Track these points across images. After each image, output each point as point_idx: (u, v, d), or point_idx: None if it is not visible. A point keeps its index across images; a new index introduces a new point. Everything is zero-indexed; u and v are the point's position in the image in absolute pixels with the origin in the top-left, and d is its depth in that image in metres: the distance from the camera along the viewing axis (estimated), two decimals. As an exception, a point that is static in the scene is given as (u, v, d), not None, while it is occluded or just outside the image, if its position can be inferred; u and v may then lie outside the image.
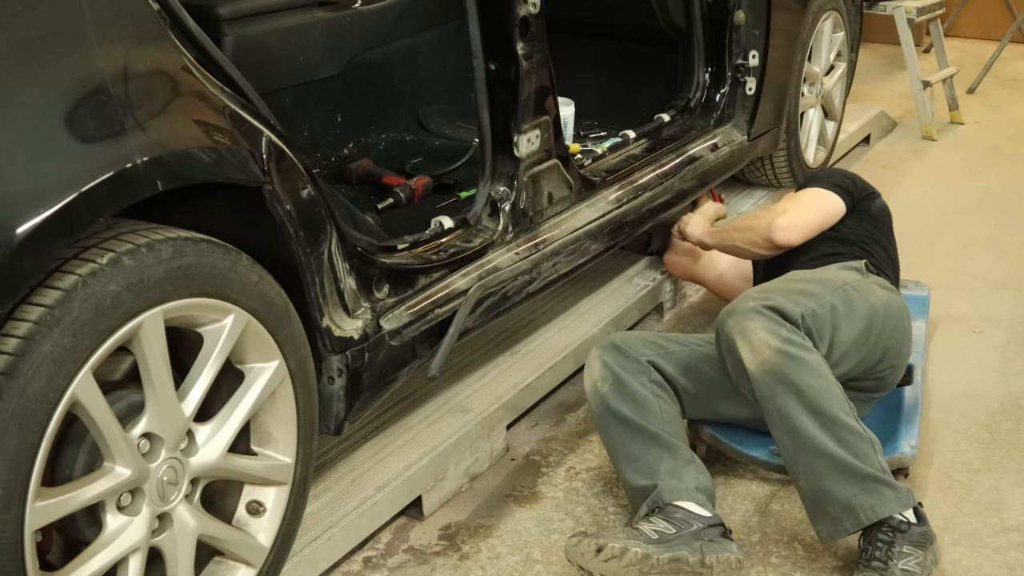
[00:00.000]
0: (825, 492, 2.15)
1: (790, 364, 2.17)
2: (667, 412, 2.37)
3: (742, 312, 2.25)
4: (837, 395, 2.18)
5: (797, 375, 2.16)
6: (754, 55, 3.50)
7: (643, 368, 2.42)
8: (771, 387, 2.18)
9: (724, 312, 2.31)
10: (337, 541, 2.18)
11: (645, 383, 2.39)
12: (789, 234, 2.70)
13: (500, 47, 2.42)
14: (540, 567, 2.28)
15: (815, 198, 2.75)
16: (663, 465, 2.27)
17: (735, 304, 2.30)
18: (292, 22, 2.96)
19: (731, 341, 2.25)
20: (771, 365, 2.18)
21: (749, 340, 2.21)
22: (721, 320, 2.30)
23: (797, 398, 2.16)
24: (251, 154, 1.77)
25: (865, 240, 2.67)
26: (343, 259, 2.04)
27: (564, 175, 2.71)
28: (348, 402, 2.11)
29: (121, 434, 1.62)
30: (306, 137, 3.08)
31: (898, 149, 5.15)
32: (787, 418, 2.17)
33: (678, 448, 2.31)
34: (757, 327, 2.21)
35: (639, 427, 2.32)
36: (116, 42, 1.60)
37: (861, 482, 2.13)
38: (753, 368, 2.20)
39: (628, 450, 2.32)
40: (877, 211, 2.76)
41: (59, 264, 1.52)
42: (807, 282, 2.41)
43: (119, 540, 1.66)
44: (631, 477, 2.30)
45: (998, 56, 6.24)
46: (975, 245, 3.96)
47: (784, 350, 2.17)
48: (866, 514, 2.12)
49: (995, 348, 3.19)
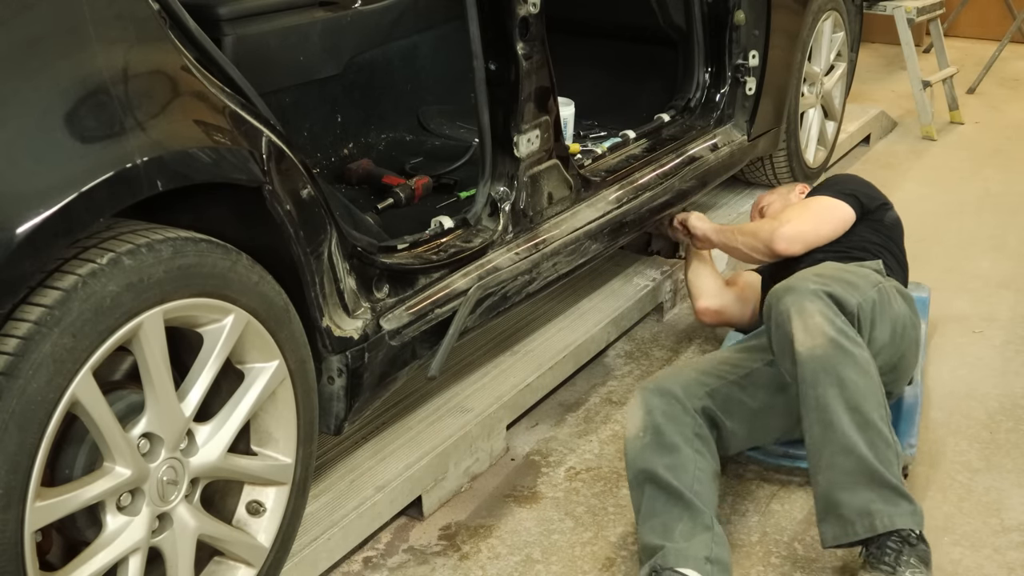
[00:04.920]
0: (844, 490, 2.10)
1: (840, 356, 2.13)
2: (701, 471, 2.21)
3: (802, 291, 2.20)
4: (877, 397, 2.15)
5: (844, 368, 2.13)
6: (754, 55, 3.50)
7: (689, 420, 2.27)
8: (815, 374, 2.14)
9: (781, 287, 2.26)
10: (337, 541, 2.18)
11: (688, 437, 2.25)
12: (792, 245, 2.69)
13: (500, 47, 2.42)
14: (540, 567, 2.28)
15: (823, 208, 2.72)
16: (679, 527, 2.13)
17: (794, 282, 2.25)
18: (292, 22, 2.96)
19: (786, 318, 2.20)
20: (821, 351, 2.14)
21: (805, 321, 2.17)
22: (777, 295, 2.25)
23: (839, 390, 2.12)
24: (251, 154, 1.77)
25: (879, 250, 2.64)
26: (343, 259, 2.04)
27: (564, 175, 2.71)
28: (348, 402, 2.12)
29: (121, 434, 1.62)
30: (306, 137, 3.08)
31: (898, 149, 5.15)
32: (824, 408, 2.13)
33: (699, 511, 2.15)
34: (815, 310, 2.17)
35: (667, 484, 2.18)
36: (116, 42, 1.60)
37: (881, 489, 2.08)
38: (803, 350, 2.15)
39: (651, 506, 2.18)
40: (891, 223, 2.74)
41: (59, 264, 1.52)
42: (851, 274, 2.38)
43: (119, 540, 1.66)
44: (645, 534, 2.16)
45: (998, 56, 6.24)
46: (975, 245, 3.96)
47: (837, 340, 2.14)
48: (882, 522, 2.07)
49: (995, 348, 3.18)
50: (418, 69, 3.45)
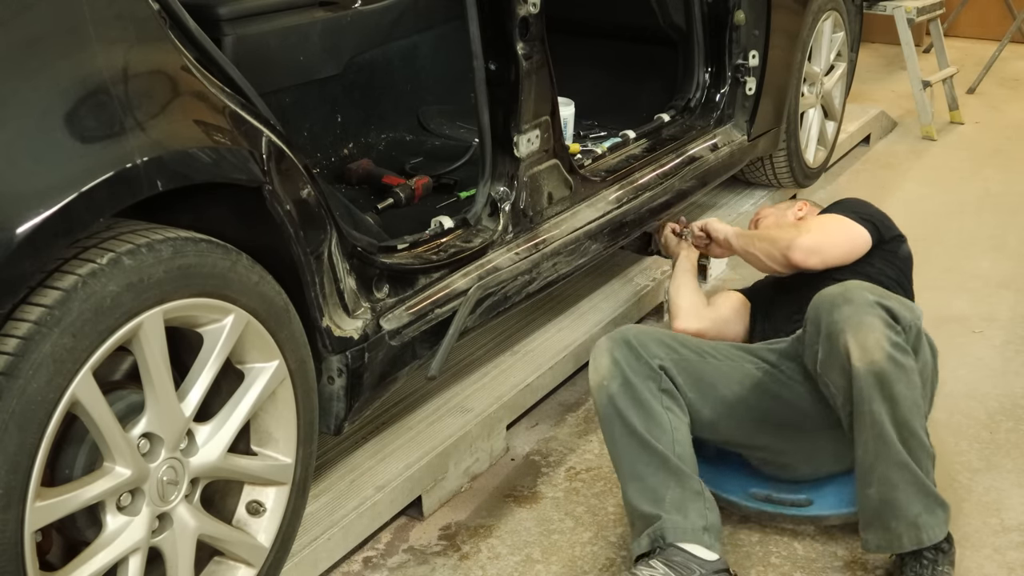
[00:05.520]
0: (895, 505, 2.10)
1: (896, 372, 2.09)
2: (678, 431, 2.23)
3: (861, 303, 2.12)
4: (921, 407, 2.14)
5: (898, 385, 2.09)
6: (754, 55, 3.50)
7: (654, 374, 2.27)
8: (871, 390, 2.09)
9: (837, 297, 2.15)
10: (337, 541, 2.18)
11: (655, 391, 2.25)
12: (809, 257, 2.58)
13: (500, 47, 2.42)
14: (540, 567, 2.28)
15: (843, 227, 2.61)
16: (669, 494, 2.15)
17: (851, 292, 2.15)
18: (292, 22, 2.96)
19: (839, 330, 2.11)
20: (879, 367, 2.08)
21: (864, 336, 2.09)
22: (831, 305, 2.15)
23: (890, 406, 2.09)
24: (251, 154, 1.77)
25: (894, 286, 2.53)
26: (343, 259, 2.04)
27: (564, 175, 2.71)
28: (348, 402, 2.12)
29: (121, 434, 1.62)
30: (306, 137, 3.08)
31: (898, 149, 5.15)
32: (877, 424, 2.10)
33: (687, 477, 2.17)
34: (875, 324, 2.10)
35: (647, 444, 2.19)
36: (116, 42, 1.60)
37: (927, 499, 2.10)
38: (860, 366, 2.09)
39: (633, 467, 2.20)
40: (904, 256, 2.65)
41: (59, 264, 1.52)
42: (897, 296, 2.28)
43: (119, 540, 1.66)
44: (633, 497, 2.19)
45: (998, 56, 6.24)
46: (975, 245, 3.96)
47: (894, 356, 2.09)
48: (928, 535, 2.09)
49: (995, 348, 3.18)
50: (418, 69, 3.45)
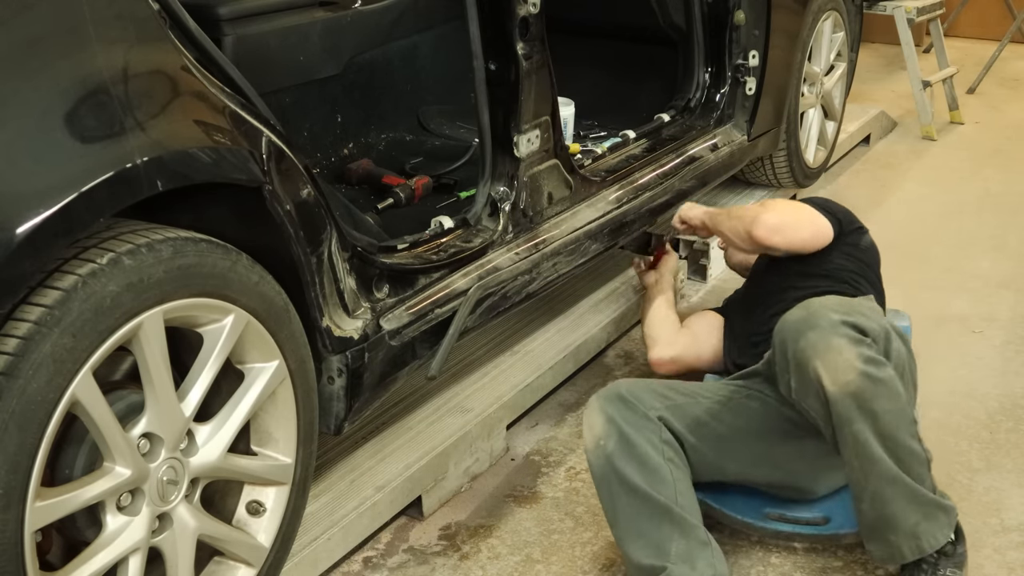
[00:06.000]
0: (891, 519, 2.06)
1: (872, 388, 2.02)
2: (680, 481, 2.14)
3: (826, 327, 2.04)
4: (908, 416, 2.09)
5: (877, 400, 2.03)
6: (754, 55, 3.50)
7: (653, 425, 2.18)
8: (849, 411, 2.03)
9: (800, 323, 2.09)
10: (337, 541, 2.18)
11: (656, 443, 2.16)
12: (772, 235, 2.53)
13: (500, 47, 2.42)
14: (540, 567, 2.28)
15: (806, 212, 2.59)
16: (674, 547, 2.06)
17: (815, 315, 2.08)
18: (292, 22, 2.97)
19: (806, 357, 2.05)
20: (854, 388, 2.02)
21: (833, 360, 2.02)
22: (796, 333, 2.08)
23: (872, 423, 2.03)
24: (251, 154, 1.77)
25: (856, 279, 2.50)
26: (343, 259, 2.04)
27: (564, 175, 2.71)
28: (348, 402, 2.12)
29: (121, 434, 1.62)
30: (306, 137, 3.08)
31: (898, 149, 5.15)
32: (861, 444, 2.04)
33: (692, 527, 2.09)
34: (843, 346, 2.02)
35: (649, 498, 2.10)
36: (116, 42, 1.60)
37: (924, 507, 2.06)
38: (834, 390, 2.02)
39: (635, 523, 2.10)
40: (866, 247, 2.60)
41: (59, 264, 1.52)
42: (861, 304, 2.25)
43: (119, 540, 1.66)
44: (635, 553, 2.09)
45: (998, 56, 6.24)
46: (975, 245, 3.96)
47: (868, 372, 2.02)
48: (928, 542, 2.06)
49: (995, 348, 3.18)
50: (418, 69, 3.45)
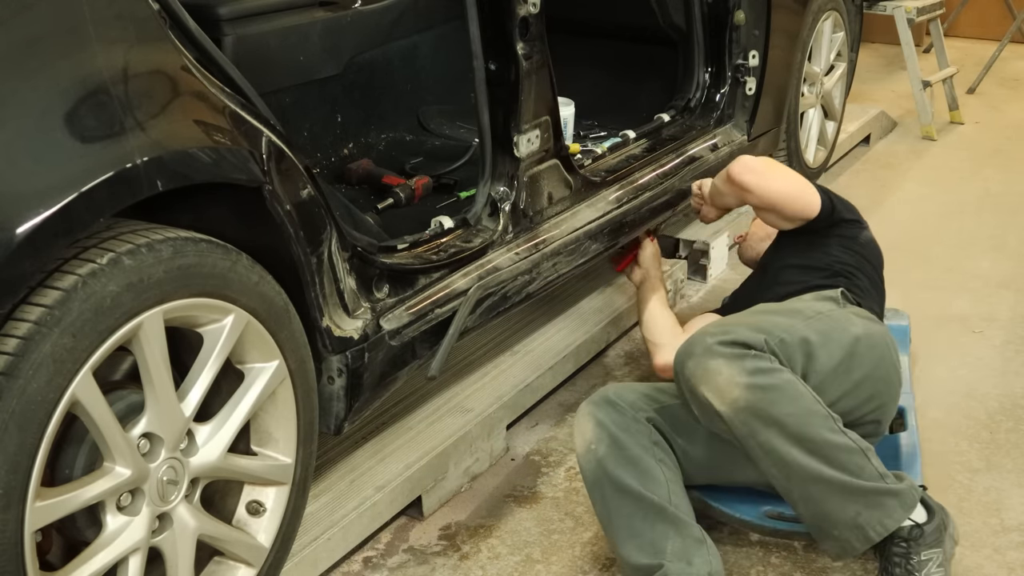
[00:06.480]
0: (828, 516, 2.04)
1: (763, 397, 2.01)
2: (672, 482, 2.14)
3: (701, 353, 2.05)
4: (818, 413, 2.04)
5: (773, 407, 2.01)
6: (754, 55, 3.50)
7: (643, 428, 2.19)
8: (748, 424, 2.02)
9: (682, 352, 2.10)
10: (337, 541, 2.18)
11: (647, 445, 2.17)
12: (745, 172, 2.48)
13: (500, 47, 2.42)
14: (540, 567, 2.28)
15: (794, 175, 2.54)
16: (670, 544, 2.05)
17: (692, 343, 2.09)
18: (292, 22, 2.96)
19: (693, 385, 2.06)
20: (743, 403, 2.01)
21: (714, 382, 2.03)
22: (679, 363, 2.10)
23: (778, 429, 2.01)
24: (251, 154, 1.77)
25: (852, 271, 2.46)
26: (343, 259, 2.04)
27: (564, 175, 2.71)
28: (348, 402, 2.12)
29: (121, 434, 1.62)
30: (306, 137, 3.08)
31: (898, 149, 5.15)
32: (772, 451, 2.03)
33: (686, 525, 2.09)
34: (720, 366, 2.02)
35: (642, 498, 2.10)
36: (116, 42, 1.60)
37: (863, 497, 2.03)
38: (724, 409, 2.03)
39: (629, 524, 2.09)
40: (865, 241, 2.56)
41: (59, 264, 1.52)
42: (773, 313, 2.25)
43: (119, 540, 1.66)
44: (631, 554, 2.08)
45: (998, 56, 6.24)
46: (975, 245, 3.96)
47: (753, 384, 2.01)
48: (875, 530, 2.03)
49: (995, 348, 3.18)
50: (418, 69, 3.45)
